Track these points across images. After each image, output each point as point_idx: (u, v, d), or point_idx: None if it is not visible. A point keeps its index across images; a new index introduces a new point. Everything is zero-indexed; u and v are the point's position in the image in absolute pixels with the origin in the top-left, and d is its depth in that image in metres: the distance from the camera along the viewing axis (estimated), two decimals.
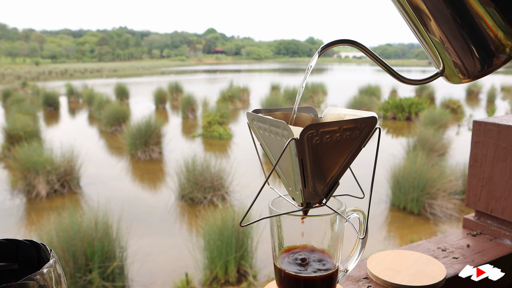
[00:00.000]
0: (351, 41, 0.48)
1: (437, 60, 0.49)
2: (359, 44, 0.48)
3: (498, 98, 16.87)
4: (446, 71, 0.49)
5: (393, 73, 0.49)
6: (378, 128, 0.48)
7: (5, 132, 7.72)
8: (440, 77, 0.51)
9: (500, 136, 0.80)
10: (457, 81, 0.49)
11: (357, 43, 0.48)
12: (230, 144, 8.36)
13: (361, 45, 0.48)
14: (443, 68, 0.49)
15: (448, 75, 0.49)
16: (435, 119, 8.95)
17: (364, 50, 0.48)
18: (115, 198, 5.06)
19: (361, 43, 0.48)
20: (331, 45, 0.48)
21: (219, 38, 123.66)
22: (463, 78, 0.48)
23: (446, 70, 0.49)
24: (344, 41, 0.48)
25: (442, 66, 0.49)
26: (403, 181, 4.76)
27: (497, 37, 0.43)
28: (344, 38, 0.48)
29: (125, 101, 14.95)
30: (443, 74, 0.50)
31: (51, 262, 0.35)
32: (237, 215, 3.36)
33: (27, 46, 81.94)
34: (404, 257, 0.70)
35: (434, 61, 0.50)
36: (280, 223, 0.52)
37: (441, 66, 0.49)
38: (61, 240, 3.00)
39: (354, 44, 0.48)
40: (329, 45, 0.48)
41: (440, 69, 0.50)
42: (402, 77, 0.50)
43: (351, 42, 0.48)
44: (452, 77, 0.49)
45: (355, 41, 0.48)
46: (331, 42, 0.48)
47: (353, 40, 0.48)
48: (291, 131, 0.43)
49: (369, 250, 3.50)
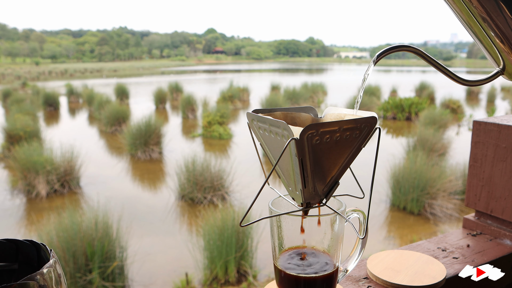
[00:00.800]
0: (407, 46, 0.47)
1: (496, 58, 0.48)
2: (416, 49, 0.47)
3: (498, 98, 16.87)
4: (507, 69, 0.48)
5: (450, 76, 0.49)
6: (378, 128, 0.48)
7: (5, 132, 7.72)
8: (501, 75, 0.50)
9: (500, 136, 0.80)
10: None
11: (412, 47, 0.47)
12: (230, 144, 8.36)
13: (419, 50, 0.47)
14: (504, 66, 0.48)
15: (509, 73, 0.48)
16: (435, 119, 8.95)
17: (422, 56, 0.47)
18: (115, 198, 5.06)
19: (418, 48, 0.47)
20: (387, 52, 0.47)
21: (219, 38, 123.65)
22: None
23: (507, 68, 0.48)
24: (399, 47, 0.47)
25: (503, 64, 0.48)
26: (403, 181, 4.76)
27: None
28: (400, 44, 0.47)
29: (125, 101, 14.95)
30: (503, 72, 0.49)
31: (51, 262, 0.35)
32: (237, 215, 3.36)
33: (27, 46, 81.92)
34: (404, 257, 0.70)
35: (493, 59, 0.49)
36: (280, 223, 0.52)
37: (501, 64, 0.48)
38: (61, 240, 3.00)
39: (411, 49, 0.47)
40: (385, 52, 0.47)
41: (500, 68, 0.49)
42: (461, 78, 0.49)
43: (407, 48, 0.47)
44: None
45: (412, 46, 0.47)
46: (387, 49, 0.47)
47: (407, 45, 0.47)
48: (291, 131, 0.43)
49: (369, 250, 3.50)
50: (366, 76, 0.49)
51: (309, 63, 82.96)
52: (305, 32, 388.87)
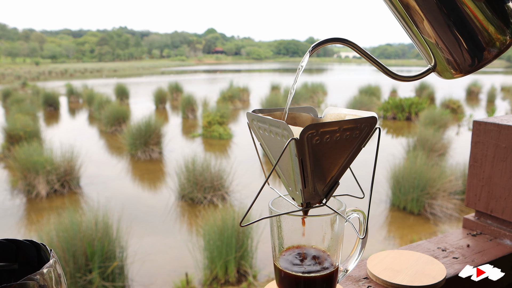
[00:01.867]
0: (341, 39, 0.47)
1: (428, 56, 0.49)
2: (350, 42, 0.47)
3: (498, 98, 16.87)
4: (438, 67, 0.49)
5: (385, 71, 0.49)
6: (378, 128, 0.48)
7: (5, 132, 7.72)
8: (432, 72, 0.51)
9: (500, 136, 0.80)
10: (449, 76, 0.49)
11: (348, 41, 0.47)
12: (230, 144, 8.36)
13: (352, 43, 0.47)
14: (435, 63, 0.49)
15: (440, 70, 0.49)
16: (435, 119, 8.95)
17: (356, 48, 0.48)
18: (115, 198, 5.06)
19: (352, 41, 0.47)
20: (322, 44, 0.47)
21: (219, 38, 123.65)
22: (455, 73, 0.48)
23: (438, 66, 0.49)
24: (334, 40, 0.47)
25: (434, 62, 0.49)
26: (403, 181, 4.76)
27: (488, 31, 0.43)
28: (335, 37, 0.47)
29: (125, 101, 14.95)
30: (435, 69, 0.50)
31: (51, 262, 0.35)
32: (237, 215, 3.36)
33: (27, 46, 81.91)
34: (404, 257, 0.70)
35: (426, 57, 0.50)
36: (280, 223, 0.52)
37: (432, 62, 0.49)
38: (61, 240, 3.00)
39: (345, 42, 0.47)
40: (320, 44, 0.47)
41: (432, 65, 0.50)
42: (394, 74, 0.50)
43: (341, 40, 0.47)
44: (444, 72, 0.49)
45: (346, 39, 0.47)
46: (322, 41, 0.47)
47: (343, 38, 0.47)
48: (291, 131, 0.43)
49: (369, 250, 3.50)
50: (300, 67, 0.49)
51: (309, 63, 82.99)
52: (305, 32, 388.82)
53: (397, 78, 0.50)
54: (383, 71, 0.49)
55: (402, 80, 0.51)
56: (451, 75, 0.49)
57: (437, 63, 0.48)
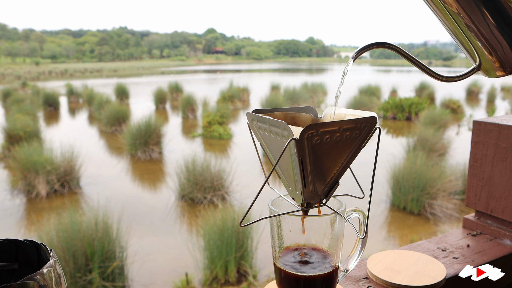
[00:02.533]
0: (384, 43, 0.47)
1: (473, 55, 0.49)
2: (393, 46, 0.47)
3: (498, 98, 16.87)
4: (483, 66, 0.49)
5: (429, 72, 0.49)
6: (378, 128, 0.48)
7: (5, 132, 7.72)
8: (477, 71, 0.51)
9: (500, 136, 0.80)
10: (494, 75, 0.49)
11: (391, 45, 0.47)
12: (230, 144, 8.36)
13: (396, 47, 0.47)
14: (480, 62, 0.49)
15: (485, 69, 0.49)
16: (435, 119, 8.95)
17: (398, 51, 0.48)
18: (115, 198, 5.06)
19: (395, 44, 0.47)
20: (365, 49, 0.47)
21: (219, 38, 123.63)
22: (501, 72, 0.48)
23: (483, 65, 0.49)
24: (377, 44, 0.47)
25: (479, 61, 0.49)
26: (403, 181, 4.76)
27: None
28: (377, 42, 0.47)
29: (125, 101, 14.95)
30: (480, 68, 0.50)
31: (51, 262, 0.35)
32: (237, 215, 3.36)
33: (27, 46, 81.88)
34: (404, 257, 0.70)
35: (470, 56, 0.50)
36: (280, 223, 0.52)
37: (477, 61, 0.49)
38: (61, 240, 3.00)
39: (388, 46, 0.47)
40: (364, 49, 0.47)
41: (476, 64, 0.49)
42: (438, 75, 0.50)
43: (385, 45, 0.47)
44: (489, 71, 0.49)
45: (389, 43, 0.47)
46: (365, 46, 0.47)
47: (386, 43, 0.47)
48: (291, 131, 0.43)
49: (369, 250, 3.50)
50: (346, 72, 0.49)
51: (309, 63, 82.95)
52: (305, 32, 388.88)
53: (441, 79, 0.50)
54: (427, 73, 0.49)
55: (447, 81, 0.50)
56: (496, 74, 0.49)
57: (482, 62, 0.48)
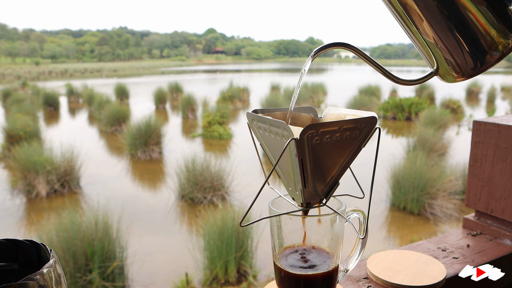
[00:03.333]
0: (343, 43, 0.47)
1: (430, 60, 0.49)
2: (351, 46, 0.47)
3: (498, 98, 16.87)
4: (440, 70, 0.49)
5: (387, 74, 0.49)
6: (378, 128, 0.48)
7: (5, 132, 7.72)
8: (435, 76, 0.51)
9: (500, 136, 0.80)
10: (452, 80, 0.49)
11: (350, 45, 0.47)
12: (230, 144, 8.36)
13: (353, 47, 0.47)
14: (437, 67, 0.49)
15: (442, 74, 0.49)
16: (435, 119, 8.95)
17: (357, 52, 0.48)
18: (115, 198, 5.06)
19: (353, 45, 0.47)
20: (324, 48, 0.47)
21: (219, 38, 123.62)
22: (457, 77, 0.48)
23: (440, 69, 0.49)
24: (336, 44, 0.48)
25: (436, 66, 0.49)
26: (403, 181, 4.76)
27: (490, 35, 0.43)
28: (336, 42, 0.47)
29: (125, 101, 14.95)
30: (437, 73, 0.50)
31: (51, 262, 0.35)
32: (237, 215, 3.36)
33: (27, 46, 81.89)
34: (404, 257, 0.70)
35: (428, 61, 0.50)
36: (280, 223, 0.52)
37: (435, 65, 0.49)
38: (61, 240, 3.00)
39: (347, 46, 0.47)
40: (322, 49, 0.47)
41: (434, 69, 0.50)
42: (396, 77, 0.50)
43: (343, 45, 0.47)
44: (446, 76, 0.49)
45: (348, 44, 0.47)
46: (324, 46, 0.48)
47: (345, 43, 0.47)
48: (291, 131, 0.43)
49: (369, 250, 3.50)
50: (303, 71, 0.49)
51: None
52: (305, 32, 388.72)
53: (399, 81, 0.50)
54: (385, 75, 0.49)
55: (403, 84, 0.50)
56: (453, 78, 0.49)
57: (439, 67, 0.48)
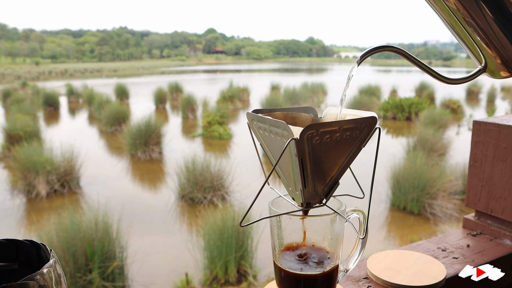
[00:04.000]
0: (390, 46, 0.47)
1: (478, 57, 0.49)
2: (399, 49, 0.47)
3: (498, 98, 16.87)
4: (489, 67, 0.49)
5: (434, 75, 0.49)
6: (378, 128, 0.48)
7: (5, 132, 7.72)
8: (483, 73, 0.51)
9: (500, 136, 0.80)
10: (499, 76, 0.49)
11: (397, 48, 0.47)
12: (230, 144, 8.36)
13: (402, 50, 0.47)
14: (485, 64, 0.49)
15: (491, 71, 0.49)
16: (435, 119, 8.95)
17: (404, 55, 0.48)
18: (115, 198, 5.06)
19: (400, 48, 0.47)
20: (370, 52, 0.47)
21: (219, 38, 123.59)
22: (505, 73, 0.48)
23: (489, 66, 0.49)
24: (383, 47, 0.47)
25: (484, 63, 0.49)
26: (403, 181, 4.76)
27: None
28: (382, 45, 0.47)
29: (125, 101, 14.95)
30: (485, 70, 0.50)
31: (51, 262, 0.35)
32: (237, 215, 3.36)
33: (27, 46, 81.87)
34: (404, 257, 0.70)
35: (475, 58, 0.50)
36: (280, 223, 0.52)
37: (483, 62, 0.49)
38: (61, 240, 3.00)
39: (394, 49, 0.47)
40: (368, 53, 0.47)
41: (482, 66, 0.50)
42: (444, 77, 0.50)
43: (390, 48, 0.47)
44: (495, 72, 0.49)
45: (395, 46, 0.47)
46: (370, 50, 0.47)
47: (391, 46, 0.47)
48: (291, 131, 0.43)
49: (369, 250, 3.50)
50: (351, 76, 0.49)
51: (309, 63, 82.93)
52: (305, 32, 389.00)
53: (446, 81, 0.50)
54: (432, 75, 0.49)
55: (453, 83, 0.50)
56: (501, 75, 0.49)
57: (487, 64, 0.49)
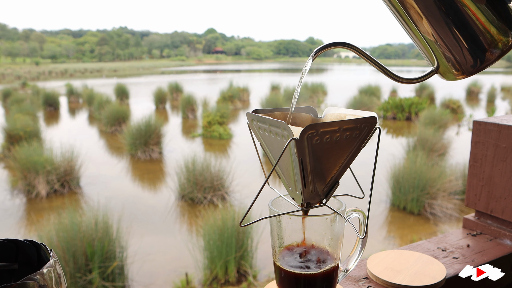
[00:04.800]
0: (343, 43, 0.48)
1: (431, 58, 0.49)
2: (352, 46, 0.47)
3: (498, 98, 16.87)
4: (441, 69, 0.49)
5: (388, 73, 0.49)
6: (378, 128, 0.48)
7: (5, 132, 7.72)
8: (435, 74, 0.51)
9: (500, 136, 0.80)
10: (452, 78, 0.49)
11: (350, 45, 0.47)
12: (230, 144, 8.36)
13: (354, 47, 0.48)
14: (438, 65, 0.49)
15: (443, 72, 0.49)
16: (435, 119, 8.95)
17: (358, 52, 0.48)
18: (115, 198, 5.06)
19: (354, 44, 0.47)
20: (325, 48, 0.48)
21: (219, 38, 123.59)
22: (458, 75, 0.48)
23: (441, 68, 0.49)
24: (336, 44, 0.48)
25: (437, 64, 0.49)
26: (403, 181, 4.76)
27: (490, 33, 0.44)
28: (337, 41, 0.48)
29: (125, 101, 14.95)
30: (437, 71, 0.50)
31: (51, 262, 0.35)
32: (237, 215, 3.36)
33: (27, 46, 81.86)
34: (404, 257, 0.70)
35: (428, 59, 0.50)
36: (280, 223, 0.52)
37: (435, 63, 0.49)
38: (61, 240, 3.00)
39: (347, 46, 0.47)
40: (323, 49, 0.48)
41: (434, 67, 0.50)
42: (397, 76, 0.50)
43: (343, 44, 0.47)
44: (446, 74, 0.49)
45: (348, 43, 0.47)
46: (324, 46, 0.48)
47: (345, 42, 0.47)
48: (291, 131, 0.43)
49: (369, 250, 3.50)
50: (304, 71, 0.49)
51: None
52: (305, 32, 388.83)
53: (399, 80, 0.50)
54: (386, 74, 0.49)
55: (404, 83, 0.51)
56: (453, 76, 0.49)
57: (439, 65, 0.49)
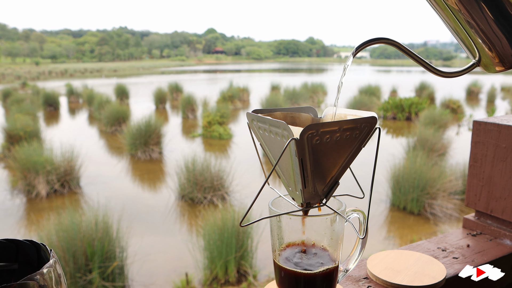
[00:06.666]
0: (384, 38, 0.47)
1: (472, 50, 0.49)
2: (393, 41, 0.47)
3: (498, 98, 16.86)
4: (483, 61, 0.49)
5: (429, 68, 0.49)
6: (378, 128, 0.48)
7: (5, 132, 7.71)
8: (477, 67, 0.51)
9: (500, 136, 0.80)
10: (493, 70, 0.50)
11: (392, 40, 0.47)
12: (230, 144, 8.36)
13: (395, 42, 0.47)
14: (479, 58, 0.49)
15: (485, 65, 0.49)
16: (435, 119, 8.95)
17: (398, 47, 0.48)
18: (115, 198, 5.06)
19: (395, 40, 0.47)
20: (365, 44, 0.47)
21: (219, 38, 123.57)
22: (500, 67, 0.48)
23: (483, 60, 0.49)
24: (377, 40, 0.47)
25: (478, 56, 0.49)
26: (403, 181, 4.76)
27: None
28: (378, 37, 0.47)
29: (125, 101, 14.95)
30: (479, 64, 0.50)
31: (51, 262, 0.35)
32: (237, 215, 3.36)
33: (27, 46, 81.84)
34: (404, 257, 0.70)
35: (469, 52, 0.50)
36: (280, 223, 0.52)
37: (477, 56, 0.49)
38: (61, 240, 3.00)
39: (389, 41, 0.47)
40: (364, 45, 0.47)
41: (476, 60, 0.50)
42: (439, 70, 0.50)
43: (384, 40, 0.47)
44: (488, 66, 0.49)
45: (390, 39, 0.47)
46: (365, 42, 0.47)
47: (386, 38, 0.47)
48: (291, 131, 0.43)
49: (369, 250, 3.50)
50: (346, 66, 0.50)
51: (309, 63, 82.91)
52: (305, 32, 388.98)
53: (441, 74, 0.50)
54: (427, 68, 0.50)
55: (446, 77, 0.51)
56: (496, 69, 0.49)
57: (481, 57, 0.49)
